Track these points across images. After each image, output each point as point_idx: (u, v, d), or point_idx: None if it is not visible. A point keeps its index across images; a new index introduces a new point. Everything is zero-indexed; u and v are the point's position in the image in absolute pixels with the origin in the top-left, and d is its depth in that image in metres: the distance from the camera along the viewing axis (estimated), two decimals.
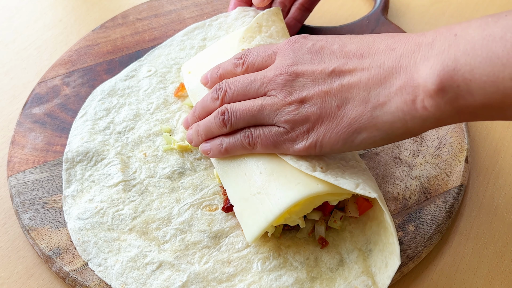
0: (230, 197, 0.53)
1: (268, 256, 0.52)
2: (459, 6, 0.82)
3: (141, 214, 0.55)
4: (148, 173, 0.58)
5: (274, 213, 0.48)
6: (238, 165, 0.53)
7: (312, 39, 0.50)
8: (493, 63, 0.37)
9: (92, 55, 0.72)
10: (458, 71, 0.38)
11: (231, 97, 0.52)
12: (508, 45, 0.37)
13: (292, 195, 0.48)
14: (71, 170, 0.59)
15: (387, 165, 0.59)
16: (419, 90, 0.41)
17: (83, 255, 0.53)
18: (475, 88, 0.38)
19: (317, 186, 0.48)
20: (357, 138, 0.46)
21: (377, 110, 0.44)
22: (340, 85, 0.45)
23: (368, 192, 0.47)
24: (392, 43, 0.44)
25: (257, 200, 0.50)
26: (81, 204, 0.56)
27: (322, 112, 0.46)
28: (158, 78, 0.67)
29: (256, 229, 0.49)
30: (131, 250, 0.53)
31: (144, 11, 0.79)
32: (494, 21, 0.39)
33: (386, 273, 0.48)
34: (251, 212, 0.50)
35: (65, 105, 0.66)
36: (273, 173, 0.50)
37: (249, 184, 0.51)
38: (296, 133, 0.48)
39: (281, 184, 0.49)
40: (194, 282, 0.51)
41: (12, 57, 0.76)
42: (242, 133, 0.51)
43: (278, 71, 0.49)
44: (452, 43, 0.40)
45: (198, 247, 0.53)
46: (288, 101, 0.48)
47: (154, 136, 0.62)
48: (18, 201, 0.57)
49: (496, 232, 0.56)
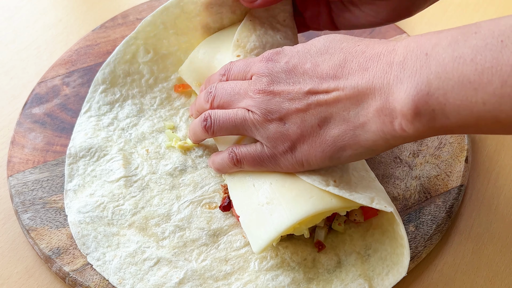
0: (236, 207, 0.52)
1: (265, 255, 0.52)
2: (459, 6, 0.82)
3: (141, 210, 0.55)
4: (149, 170, 0.58)
5: (285, 224, 0.47)
6: (245, 176, 0.52)
7: (286, 55, 0.50)
8: (465, 87, 0.37)
9: (92, 55, 0.72)
10: (432, 95, 0.39)
11: (218, 104, 0.53)
12: (479, 69, 0.36)
13: (306, 208, 0.47)
14: (73, 165, 0.59)
15: (387, 165, 0.59)
16: (396, 113, 0.41)
17: (82, 248, 0.53)
18: (449, 111, 0.38)
19: (331, 201, 0.48)
20: (343, 155, 0.46)
21: (358, 129, 0.44)
22: (318, 104, 0.46)
23: (384, 207, 0.47)
24: (364, 62, 0.44)
25: (266, 211, 0.49)
26: (82, 198, 0.56)
27: (303, 131, 0.47)
28: (159, 65, 0.66)
29: (265, 240, 0.48)
30: (130, 245, 0.53)
31: (144, 11, 0.79)
32: (463, 39, 0.38)
33: (386, 280, 0.48)
34: (259, 222, 0.49)
35: (65, 105, 0.66)
36: (285, 184, 0.50)
37: (257, 195, 0.50)
38: (279, 151, 0.49)
39: (294, 196, 0.48)
40: (191, 279, 0.51)
41: (12, 57, 0.76)
42: (226, 152, 0.53)
43: (256, 89, 0.49)
44: (424, 64, 0.39)
45: (196, 245, 0.53)
46: (268, 118, 0.48)
47: (157, 133, 0.62)
48: (18, 201, 0.57)
49: (496, 232, 0.56)
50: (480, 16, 0.81)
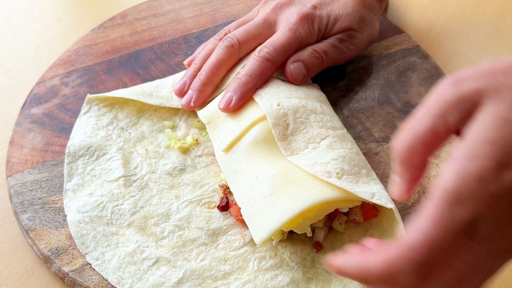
0: (237, 199, 0.52)
1: (264, 255, 0.52)
2: (458, 5, 0.82)
3: (141, 209, 0.55)
4: (149, 169, 0.58)
5: (288, 215, 0.47)
6: (249, 168, 0.52)
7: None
8: None
9: (91, 55, 0.72)
10: None
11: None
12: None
13: (308, 198, 0.48)
14: (73, 164, 0.59)
15: (387, 165, 0.59)
16: None
17: (81, 248, 0.53)
18: None
19: (333, 191, 0.48)
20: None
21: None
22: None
23: (384, 203, 0.47)
24: None
25: (269, 202, 0.49)
26: (81, 198, 0.56)
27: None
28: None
29: (267, 231, 0.48)
30: (129, 245, 0.53)
31: (143, 11, 0.79)
32: None
33: None
34: (261, 214, 0.49)
35: (64, 105, 0.66)
36: (288, 176, 0.50)
37: (260, 186, 0.50)
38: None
39: (296, 187, 0.49)
40: (189, 279, 0.51)
41: (10, 57, 0.76)
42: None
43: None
44: None
45: (196, 244, 0.53)
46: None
47: (156, 132, 0.62)
48: (17, 201, 0.57)
49: None
50: (480, 16, 0.81)
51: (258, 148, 0.53)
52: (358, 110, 0.65)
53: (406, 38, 0.73)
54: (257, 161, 0.52)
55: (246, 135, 0.55)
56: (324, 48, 0.62)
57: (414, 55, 0.70)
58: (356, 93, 0.66)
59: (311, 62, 0.60)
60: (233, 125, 0.56)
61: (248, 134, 0.54)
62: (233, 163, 0.54)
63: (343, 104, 0.65)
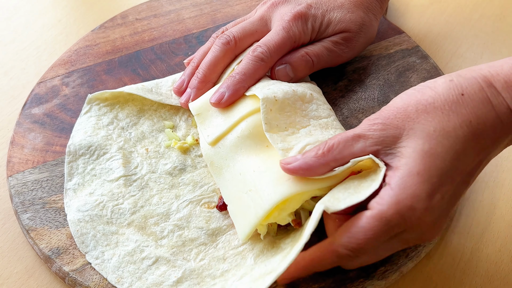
0: (224, 197, 0.53)
1: (262, 250, 0.52)
2: (458, 5, 0.82)
3: (141, 209, 0.56)
4: (149, 169, 0.59)
5: (264, 208, 0.48)
6: (234, 165, 0.53)
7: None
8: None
9: (91, 55, 0.72)
10: None
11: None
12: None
13: (282, 190, 0.48)
14: (73, 163, 0.59)
15: None
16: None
17: (81, 247, 0.53)
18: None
19: (307, 182, 0.48)
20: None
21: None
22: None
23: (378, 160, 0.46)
24: None
25: (249, 198, 0.50)
26: (81, 197, 0.56)
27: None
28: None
29: (247, 227, 0.49)
30: (128, 244, 0.53)
31: (143, 11, 0.79)
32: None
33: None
34: (243, 210, 0.50)
35: (64, 105, 0.66)
36: (266, 170, 0.50)
37: (244, 183, 0.51)
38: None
39: (271, 180, 0.49)
40: (188, 278, 0.51)
41: (11, 57, 0.76)
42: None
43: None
44: None
45: (195, 244, 0.53)
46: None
47: (156, 132, 0.62)
48: (17, 201, 0.57)
49: (496, 231, 0.56)
50: (479, 16, 0.81)
51: (243, 144, 0.54)
52: (357, 110, 0.65)
53: (406, 38, 0.73)
54: (241, 157, 0.53)
55: (233, 130, 0.55)
56: (317, 51, 0.62)
57: (414, 55, 0.70)
58: (356, 93, 0.67)
59: (299, 66, 0.61)
60: (222, 120, 0.57)
61: (235, 129, 0.55)
62: (218, 158, 0.55)
63: (343, 104, 0.65)
